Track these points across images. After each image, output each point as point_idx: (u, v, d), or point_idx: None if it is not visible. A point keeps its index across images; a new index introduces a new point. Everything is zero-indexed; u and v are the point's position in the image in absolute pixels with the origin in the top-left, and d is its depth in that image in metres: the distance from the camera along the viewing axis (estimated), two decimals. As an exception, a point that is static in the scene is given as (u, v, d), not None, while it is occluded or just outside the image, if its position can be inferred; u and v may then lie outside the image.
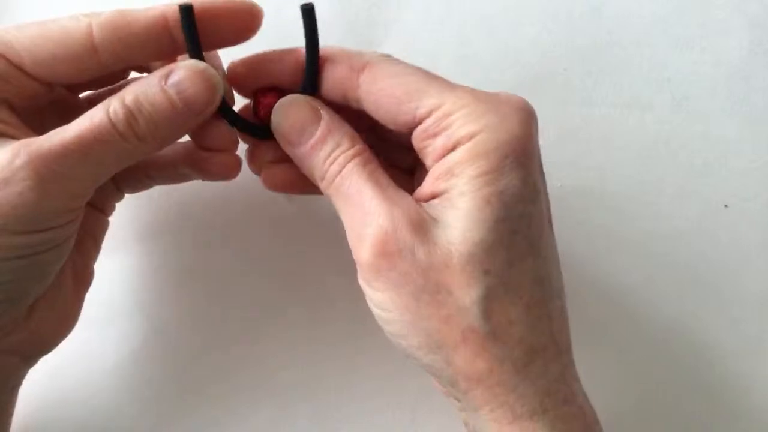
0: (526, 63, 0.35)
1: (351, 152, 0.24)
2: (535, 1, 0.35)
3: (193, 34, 0.24)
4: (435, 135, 0.23)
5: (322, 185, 0.25)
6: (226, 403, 0.32)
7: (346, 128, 0.25)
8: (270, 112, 0.25)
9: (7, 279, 0.23)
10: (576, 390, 0.24)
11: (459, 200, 0.22)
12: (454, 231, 0.22)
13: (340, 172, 0.24)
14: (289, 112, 0.25)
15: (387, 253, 0.22)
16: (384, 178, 0.24)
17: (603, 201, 0.34)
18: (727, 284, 0.34)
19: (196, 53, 0.24)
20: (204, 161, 0.27)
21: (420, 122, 0.24)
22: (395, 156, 0.29)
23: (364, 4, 0.35)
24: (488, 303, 0.22)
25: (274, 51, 0.26)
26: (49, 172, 0.21)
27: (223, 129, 0.26)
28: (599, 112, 0.34)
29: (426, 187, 0.24)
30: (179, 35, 0.24)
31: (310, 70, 0.25)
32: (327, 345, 0.32)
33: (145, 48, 0.24)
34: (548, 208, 0.25)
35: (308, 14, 0.25)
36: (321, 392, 0.32)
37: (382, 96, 0.24)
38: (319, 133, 0.24)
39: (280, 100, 0.25)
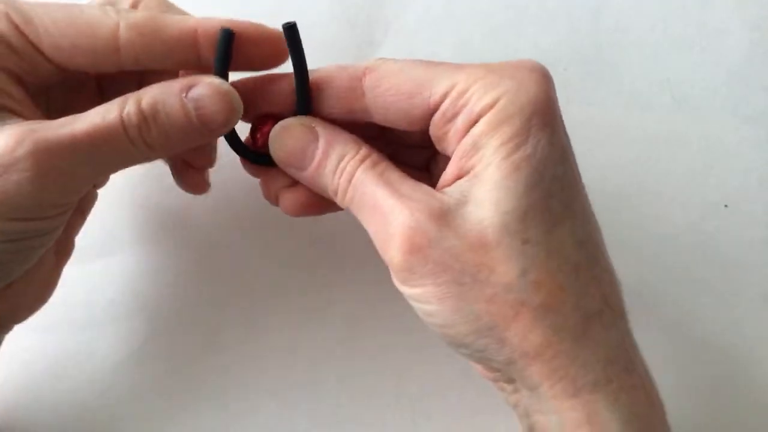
0: (527, 63, 0.35)
1: (357, 159, 0.24)
2: (535, 0, 0.35)
3: (226, 59, 0.23)
4: (454, 116, 0.22)
5: (337, 200, 0.24)
6: (226, 403, 0.32)
7: (346, 136, 0.24)
8: (267, 140, 0.25)
9: None
10: (636, 359, 0.23)
11: (486, 172, 0.21)
12: (485, 206, 0.21)
13: (350, 182, 0.23)
14: (285, 138, 0.24)
15: (416, 248, 0.22)
16: (396, 175, 0.23)
17: (603, 201, 0.34)
18: (728, 284, 0.33)
19: (223, 75, 0.24)
20: (178, 170, 0.28)
21: (436, 109, 0.23)
22: (406, 159, 0.28)
23: (364, 4, 0.35)
24: (534, 273, 0.21)
25: (267, 75, 0.25)
26: (51, 167, 0.21)
27: (205, 149, 0.26)
28: (599, 112, 0.34)
29: (451, 169, 0.23)
30: (207, 53, 0.24)
31: (300, 90, 0.24)
32: (327, 345, 0.32)
33: (168, 58, 0.23)
34: (578, 169, 0.24)
35: (290, 33, 0.24)
36: (321, 392, 0.32)
37: (391, 95, 0.23)
38: (320, 151, 0.24)
39: (275, 126, 0.25)
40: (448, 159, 0.23)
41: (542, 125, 0.22)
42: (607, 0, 0.35)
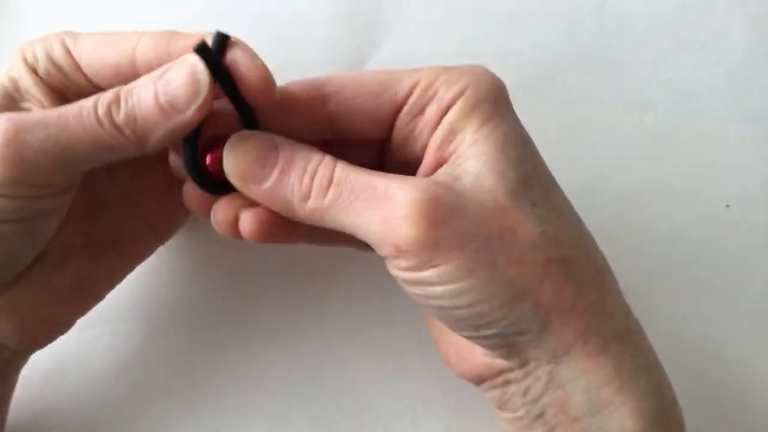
0: (527, 62, 0.35)
1: (328, 160, 0.23)
2: (536, 0, 0.35)
3: (218, 61, 0.23)
4: (423, 108, 0.23)
5: (308, 207, 0.23)
6: (225, 403, 0.32)
7: (307, 145, 0.24)
8: (221, 164, 0.23)
9: None
10: (627, 304, 0.24)
11: (474, 149, 0.22)
12: (488, 176, 0.22)
13: (331, 180, 0.22)
14: (242, 149, 0.23)
15: (438, 220, 0.21)
16: (377, 171, 0.23)
17: (603, 201, 0.34)
18: (728, 284, 0.33)
19: (217, 76, 0.23)
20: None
21: (403, 104, 0.24)
22: (360, 157, 0.28)
23: (364, 4, 0.35)
24: (551, 231, 0.22)
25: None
26: (20, 141, 0.22)
27: (190, 192, 0.25)
28: (599, 112, 0.34)
29: (428, 160, 0.23)
30: None
31: (238, 105, 0.23)
32: (327, 345, 0.32)
33: None
34: None
35: (203, 53, 0.22)
36: (321, 393, 0.32)
37: (357, 96, 0.24)
38: (282, 155, 0.23)
39: (228, 141, 0.23)
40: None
41: (507, 109, 0.23)
42: (608, 0, 0.36)
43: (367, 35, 0.35)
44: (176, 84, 0.22)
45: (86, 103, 0.22)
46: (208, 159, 0.24)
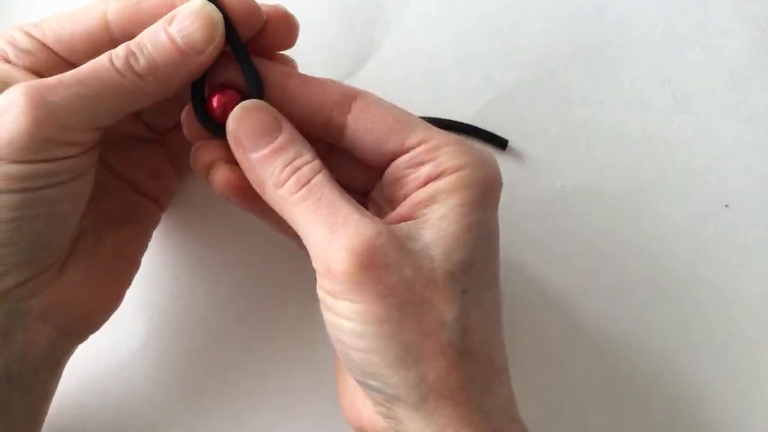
0: (527, 62, 0.35)
1: (316, 165, 0.24)
2: (536, 0, 0.35)
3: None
4: (421, 164, 0.24)
5: (276, 193, 0.24)
6: (226, 403, 0.32)
7: (308, 144, 0.25)
8: (225, 111, 0.25)
9: (11, 217, 0.23)
10: (516, 411, 0.25)
11: (441, 223, 0.23)
12: (437, 249, 0.23)
13: (307, 182, 0.23)
14: (251, 115, 0.24)
15: (374, 265, 0.22)
16: (350, 197, 0.24)
17: (603, 201, 0.34)
18: (728, 284, 0.33)
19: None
20: None
21: (407, 151, 0.25)
22: (348, 174, 0.29)
23: (364, 4, 0.35)
24: (465, 320, 0.23)
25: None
26: (41, 99, 0.22)
27: (193, 127, 0.27)
28: (600, 112, 0.34)
29: (401, 210, 0.24)
30: None
31: (249, 72, 0.25)
32: (328, 345, 0.32)
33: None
34: None
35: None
36: (322, 392, 0.32)
37: (374, 123, 0.25)
38: (281, 139, 0.24)
39: (243, 102, 0.25)
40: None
41: (489, 204, 0.24)
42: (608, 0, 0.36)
43: (367, 34, 0.35)
44: (192, 27, 0.23)
45: (100, 60, 0.23)
46: (214, 102, 0.25)
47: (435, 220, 0.23)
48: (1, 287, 0.24)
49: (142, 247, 0.30)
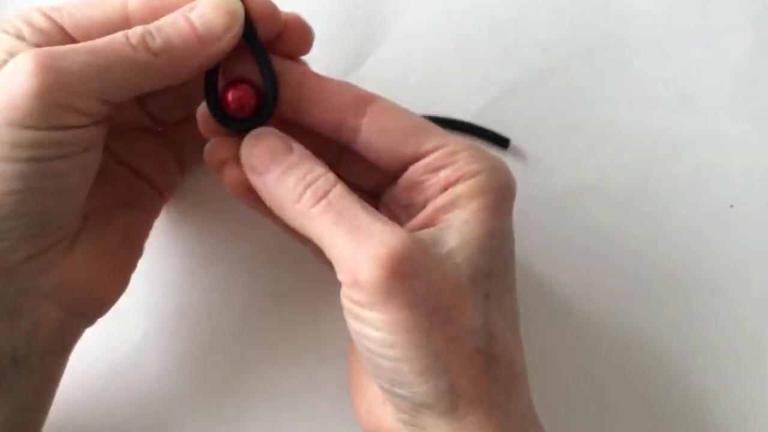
0: (529, 60, 0.35)
1: (331, 177, 0.24)
2: (537, -1, 0.35)
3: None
4: (439, 169, 0.24)
5: (295, 209, 0.24)
6: (226, 403, 0.32)
7: (320, 161, 0.25)
8: (239, 105, 0.25)
9: (17, 188, 0.23)
10: (536, 415, 0.25)
11: (463, 228, 0.23)
12: (460, 255, 0.23)
13: (325, 195, 0.24)
14: (261, 140, 0.25)
15: (402, 273, 0.22)
16: (370, 207, 0.24)
17: (605, 200, 0.34)
18: (731, 284, 0.33)
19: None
20: None
21: (423, 156, 0.25)
22: (359, 174, 0.29)
23: (364, 3, 0.35)
24: (490, 326, 0.23)
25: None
26: (51, 63, 0.22)
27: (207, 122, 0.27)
28: (602, 110, 0.34)
29: (424, 216, 0.25)
30: None
31: (264, 68, 0.25)
32: (328, 345, 0.32)
33: None
34: None
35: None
36: (322, 392, 0.32)
37: (389, 127, 0.25)
38: (291, 158, 0.24)
39: (253, 131, 0.25)
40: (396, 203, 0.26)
41: (506, 208, 0.25)
42: (610, -2, 0.36)
43: (366, 34, 0.35)
44: (213, 14, 0.24)
45: (116, 36, 0.23)
46: (229, 96, 0.26)
47: (458, 225, 0.24)
48: (8, 262, 0.24)
49: (146, 233, 0.30)
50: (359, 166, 0.28)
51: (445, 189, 0.24)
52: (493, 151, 0.34)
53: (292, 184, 0.24)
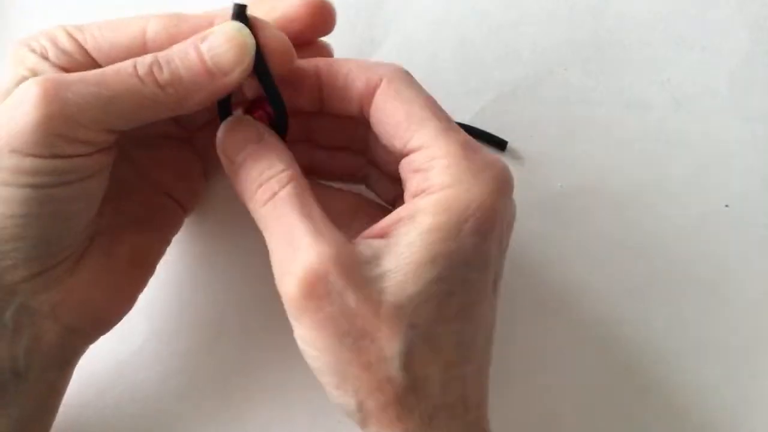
0: (527, 62, 0.35)
1: (284, 177, 0.24)
2: (535, 0, 0.35)
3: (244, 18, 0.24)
4: (416, 171, 0.24)
5: (250, 206, 0.24)
6: (226, 402, 0.32)
7: (286, 153, 0.25)
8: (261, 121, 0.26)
9: (20, 212, 0.23)
10: None
11: (406, 249, 0.22)
12: (391, 279, 0.22)
13: (271, 198, 0.24)
14: (235, 126, 0.25)
15: (314, 294, 0.22)
16: (317, 212, 0.23)
17: (603, 201, 0.34)
18: (728, 284, 0.33)
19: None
20: None
21: (407, 154, 0.24)
22: (382, 188, 0.30)
23: (364, 4, 0.35)
24: (409, 356, 0.22)
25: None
26: (55, 94, 0.22)
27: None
28: (599, 112, 0.34)
29: (383, 224, 0.24)
30: None
31: (275, 104, 0.25)
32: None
33: None
34: (498, 275, 0.25)
35: (240, 17, 0.24)
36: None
37: (387, 117, 0.24)
38: (257, 148, 0.24)
39: (230, 117, 0.25)
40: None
41: (474, 230, 0.22)
42: (608, 0, 0.36)
43: (367, 34, 0.35)
44: (224, 48, 0.23)
45: (124, 65, 0.23)
46: (254, 115, 0.26)
47: (402, 245, 0.22)
48: (11, 280, 0.24)
49: (159, 252, 0.30)
50: (384, 175, 0.28)
51: (414, 197, 0.23)
52: (491, 153, 0.34)
53: (252, 177, 0.24)
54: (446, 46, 0.35)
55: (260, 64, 0.24)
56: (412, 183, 0.24)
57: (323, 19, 0.27)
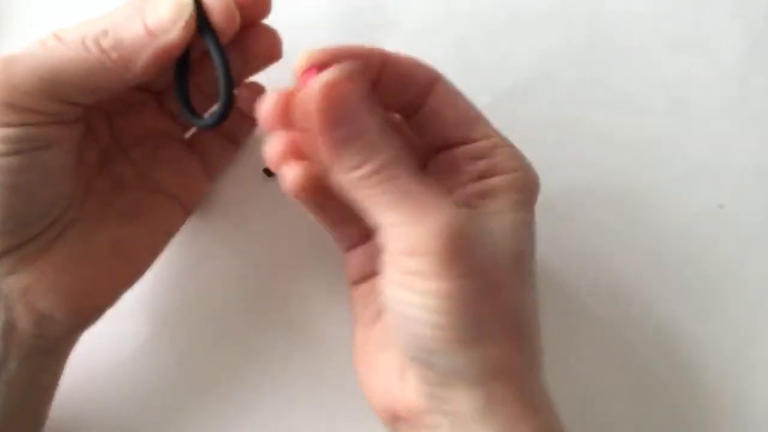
0: (525, 64, 0.35)
1: (393, 152, 0.23)
2: (534, 2, 0.36)
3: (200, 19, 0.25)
4: (480, 158, 0.26)
5: (352, 175, 0.23)
6: (226, 401, 0.32)
7: (388, 128, 0.24)
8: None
9: None
10: (549, 394, 0.26)
11: (501, 216, 0.25)
12: (499, 238, 0.24)
13: (391, 164, 0.23)
14: (345, 86, 0.22)
15: (463, 246, 0.23)
16: (427, 178, 0.24)
17: (601, 201, 0.34)
18: (724, 284, 0.34)
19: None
20: None
21: (469, 143, 0.26)
22: None
23: (364, 5, 0.35)
24: (524, 306, 0.25)
25: (352, 48, 0.25)
26: (4, 65, 0.23)
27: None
28: (596, 114, 0.35)
29: (456, 199, 0.25)
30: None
31: (220, 66, 0.25)
32: (328, 344, 0.33)
33: None
34: None
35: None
36: (322, 391, 0.32)
37: (446, 110, 0.26)
38: (366, 120, 0.23)
39: (338, 67, 0.22)
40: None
41: (534, 206, 0.26)
42: (604, 2, 0.36)
43: (368, 36, 0.35)
44: (162, 6, 0.24)
45: (70, 35, 0.24)
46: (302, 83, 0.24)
47: (494, 213, 0.24)
48: None
49: (148, 248, 0.29)
50: (406, 135, 0.28)
51: (480, 178, 0.25)
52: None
53: (356, 149, 0.23)
54: (446, 48, 0.35)
55: (202, 23, 0.25)
56: (475, 167, 0.26)
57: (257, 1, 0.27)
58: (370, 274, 0.28)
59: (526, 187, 0.26)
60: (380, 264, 0.24)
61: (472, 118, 0.26)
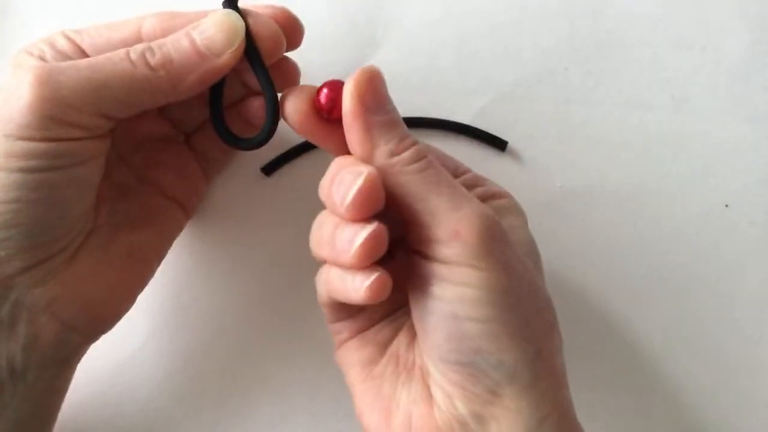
0: (527, 62, 0.35)
1: (423, 146, 0.24)
2: (536, 0, 0.35)
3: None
4: (472, 187, 0.27)
5: (392, 160, 0.23)
6: (226, 402, 0.32)
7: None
8: (332, 104, 0.24)
9: (11, 197, 0.23)
10: None
11: (512, 230, 0.26)
12: (513, 233, 0.25)
13: (425, 156, 0.23)
14: (379, 81, 0.24)
15: (496, 237, 0.23)
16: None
17: (602, 201, 0.34)
18: (728, 284, 0.33)
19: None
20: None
21: (461, 175, 0.28)
22: None
23: (364, 4, 0.35)
24: (550, 300, 0.25)
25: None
26: (48, 77, 0.23)
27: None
28: (599, 112, 0.34)
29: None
30: None
31: (266, 89, 0.26)
32: (328, 344, 0.32)
33: None
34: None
35: (230, 4, 0.25)
36: (321, 391, 0.32)
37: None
38: (397, 113, 0.24)
39: (368, 67, 0.24)
40: None
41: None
42: (607, 0, 0.35)
43: (367, 34, 0.35)
44: (213, 30, 0.24)
45: (116, 52, 0.24)
46: (323, 97, 0.25)
47: (508, 227, 0.25)
48: (5, 273, 0.24)
49: (158, 251, 0.30)
50: None
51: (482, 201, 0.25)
52: (491, 153, 0.34)
53: (398, 137, 0.23)
54: (446, 47, 0.35)
55: (251, 50, 0.25)
56: (473, 193, 0.26)
57: (292, 32, 0.27)
58: (356, 332, 0.28)
59: (522, 210, 0.28)
60: (411, 277, 0.24)
61: (450, 159, 0.29)
